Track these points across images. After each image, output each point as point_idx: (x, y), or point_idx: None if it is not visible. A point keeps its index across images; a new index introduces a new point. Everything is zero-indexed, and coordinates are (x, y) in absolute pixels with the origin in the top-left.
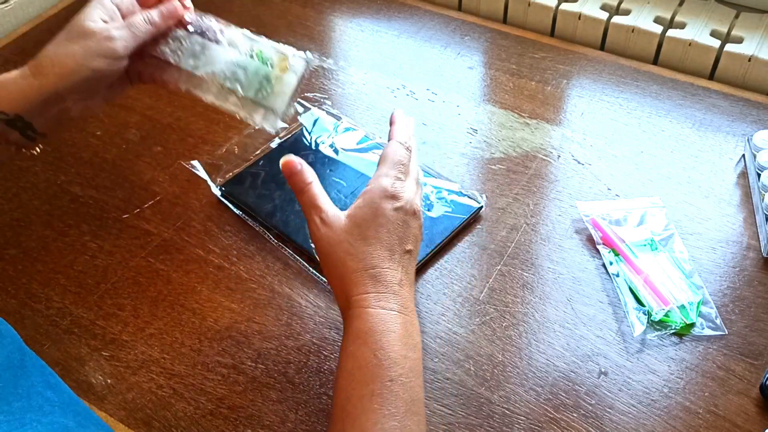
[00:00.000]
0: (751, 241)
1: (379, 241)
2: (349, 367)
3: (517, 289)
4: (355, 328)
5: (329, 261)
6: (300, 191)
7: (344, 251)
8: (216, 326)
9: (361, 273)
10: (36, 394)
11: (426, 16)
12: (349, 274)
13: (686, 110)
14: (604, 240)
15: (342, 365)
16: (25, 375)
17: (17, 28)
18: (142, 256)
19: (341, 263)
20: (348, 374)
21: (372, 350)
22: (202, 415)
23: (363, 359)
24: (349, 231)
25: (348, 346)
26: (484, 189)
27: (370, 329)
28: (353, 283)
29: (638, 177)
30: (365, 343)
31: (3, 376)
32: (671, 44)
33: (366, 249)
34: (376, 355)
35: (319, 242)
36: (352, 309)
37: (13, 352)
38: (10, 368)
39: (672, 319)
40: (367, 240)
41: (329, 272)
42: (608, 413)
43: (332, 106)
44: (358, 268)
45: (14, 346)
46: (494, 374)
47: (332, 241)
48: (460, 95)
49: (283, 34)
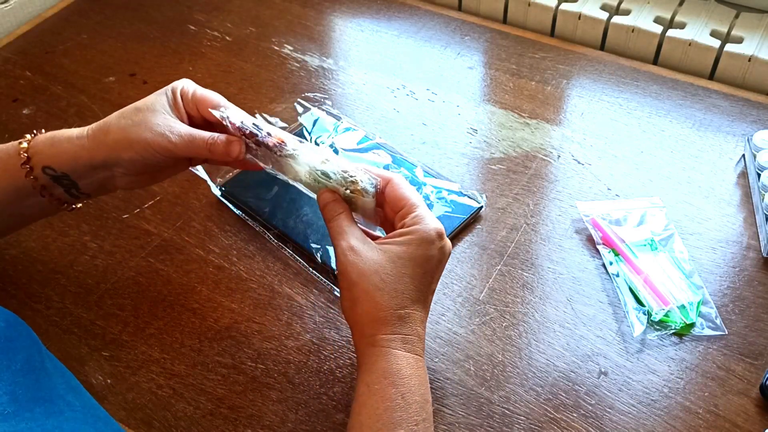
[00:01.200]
0: (751, 241)
1: (414, 282)
2: (375, 407)
3: (517, 289)
4: (381, 367)
5: (354, 291)
6: (330, 218)
7: (374, 285)
8: (216, 326)
9: (391, 312)
10: (57, 398)
11: (426, 16)
12: (377, 311)
13: (686, 110)
14: (604, 240)
15: (364, 401)
16: (47, 377)
17: (17, 28)
18: (142, 256)
19: (368, 297)
20: (373, 413)
21: (400, 393)
22: (202, 415)
23: (391, 401)
24: (382, 265)
25: (373, 383)
26: (484, 189)
27: (398, 371)
28: (381, 321)
29: (638, 177)
30: (393, 385)
31: (24, 381)
32: (671, 44)
33: (399, 288)
34: (405, 398)
35: (346, 269)
36: (377, 347)
37: (33, 354)
38: (32, 371)
39: (672, 319)
40: (402, 279)
41: (352, 303)
42: (608, 413)
43: (332, 106)
44: (389, 306)
45: (34, 348)
46: (494, 374)
47: (362, 272)
48: (460, 95)
49: (283, 34)
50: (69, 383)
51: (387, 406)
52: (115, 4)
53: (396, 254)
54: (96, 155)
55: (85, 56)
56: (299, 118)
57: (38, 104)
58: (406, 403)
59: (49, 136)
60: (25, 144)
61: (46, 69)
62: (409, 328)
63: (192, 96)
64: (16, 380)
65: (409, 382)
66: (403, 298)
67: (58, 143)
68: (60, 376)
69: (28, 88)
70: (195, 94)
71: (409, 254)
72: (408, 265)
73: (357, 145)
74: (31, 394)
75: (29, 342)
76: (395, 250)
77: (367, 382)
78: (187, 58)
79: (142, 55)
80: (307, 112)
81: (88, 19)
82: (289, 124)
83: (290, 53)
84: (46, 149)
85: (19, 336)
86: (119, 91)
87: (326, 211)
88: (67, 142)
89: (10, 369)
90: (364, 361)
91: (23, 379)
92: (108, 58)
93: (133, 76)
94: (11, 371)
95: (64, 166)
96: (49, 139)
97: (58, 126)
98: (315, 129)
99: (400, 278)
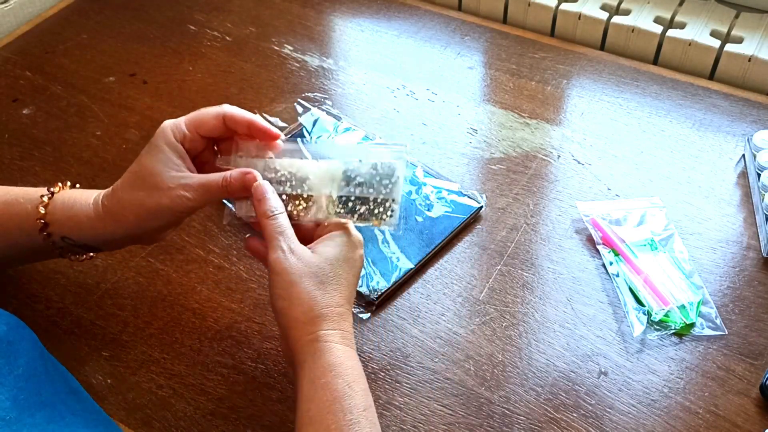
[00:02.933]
0: (751, 241)
1: (347, 281)
2: (324, 399)
3: (517, 289)
4: (325, 361)
5: (293, 291)
6: (266, 216)
7: (315, 285)
8: (216, 326)
9: (331, 309)
10: (59, 402)
11: (426, 16)
12: (319, 309)
13: (686, 110)
14: (604, 240)
15: (311, 397)
16: (48, 380)
17: (17, 28)
18: (142, 256)
19: (309, 296)
20: (323, 405)
21: (346, 382)
22: (202, 415)
23: (338, 391)
24: (319, 266)
25: (318, 378)
26: (484, 189)
27: (342, 363)
28: (322, 318)
29: (638, 177)
30: (339, 376)
31: (25, 387)
32: (671, 44)
33: (336, 286)
34: (351, 387)
35: (285, 270)
36: (319, 342)
37: (34, 358)
38: (34, 376)
39: (672, 319)
40: (338, 278)
41: (289, 303)
42: (608, 413)
43: (332, 106)
44: (329, 304)
45: (36, 351)
46: (494, 374)
47: (301, 273)
48: (460, 95)
49: (283, 34)
50: (70, 386)
51: (335, 397)
52: (115, 4)
53: (333, 255)
54: (117, 231)
55: (85, 56)
56: (299, 118)
57: (38, 104)
58: (353, 391)
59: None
60: (42, 209)
61: (46, 69)
62: (346, 324)
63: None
64: (18, 385)
65: (353, 372)
66: (340, 297)
67: (76, 216)
68: (61, 380)
69: (28, 88)
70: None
71: (343, 256)
72: (343, 266)
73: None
74: (33, 399)
75: (31, 345)
76: (332, 252)
77: (311, 378)
78: (187, 58)
79: (142, 55)
80: (307, 112)
81: (88, 19)
82: (289, 124)
83: (290, 53)
84: (65, 220)
85: (21, 339)
86: (119, 91)
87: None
88: (85, 217)
89: (12, 374)
90: (304, 358)
91: (25, 384)
92: (108, 58)
93: (133, 76)
94: (13, 376)
95: (85, 239)
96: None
97: (58, 126)
98: (315, 129)
99: (337, 278)
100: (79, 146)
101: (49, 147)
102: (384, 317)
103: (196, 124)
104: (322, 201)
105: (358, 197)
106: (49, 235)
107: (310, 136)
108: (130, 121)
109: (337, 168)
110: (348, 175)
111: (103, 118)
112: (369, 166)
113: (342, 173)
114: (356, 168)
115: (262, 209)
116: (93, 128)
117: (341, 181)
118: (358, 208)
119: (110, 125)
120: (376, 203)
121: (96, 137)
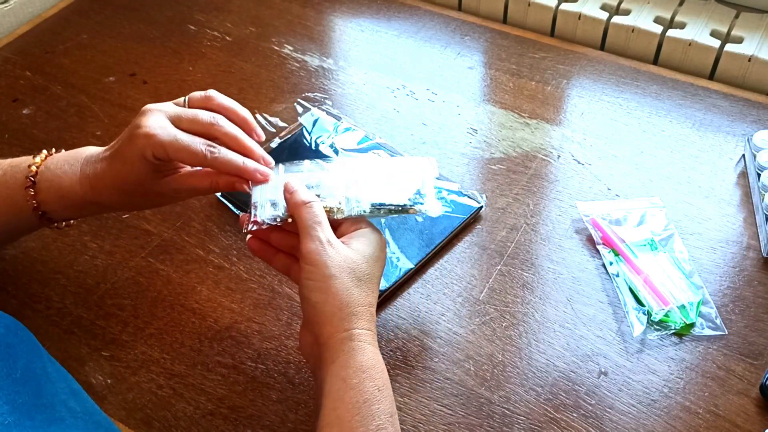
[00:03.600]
0: (751, 241)
1: (378, 282)
2: (355, 400)
3: (517, 289)
4: (358, 361)
5: (331, 284)
6: (302, 204)
7: (353, 281)
8: (216, 326)
9: (365, 308)
10: (59, 403)
11: (426, 16)
12: (355, 306)
13: (686, 110)
14: (604, 240)
15: (341, 396)
16: (48, 382)
17: (17, 28)
18: (142, 256)
19: (347, 292)
20: (353, 407)
21: (377, 386)
22: (202, 415)
23: (369, 394)
24: (357, 262)
25: (350, 378)
26: (484, 189)
27: (374, 365)
28: (357, 316)
29: (638, 177)
30: (370, 378)
31: (25, 389)
32: (671, 44)
33: (370, 285)
34: (381, 392)
35: (325, 262)
36: (354, 341)
37: (33, 360)
38: (32, 378)
39: (672, 319)
40: (372, 277)
41: (325, 296)
42: (608, 413)
43: (332, 106)
44: (364, 303)
45: (35, 353)
46: (494, 374)
47: (341, 267)
48: (460, 95)
49: (283, 34)
50: (70, 387)
51: (366, 399)
52: (115, 4)
53: (369, 253)
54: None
55: (85, 56)
56: (299, 118)
57: (38, 104)
58: (383, 396)
59: (55, 187)
60: (32, 191)
61: (46, 69)
62: (373, 325)
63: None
64: (17, 389)
65: (383, 377)
66: (373, 296)
67: (61, 193)
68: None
69: (28, 88)
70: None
71: (376, 255)
72: (375, 264)
73: (357, 145)
74: (32, 402)
75: (30, 347)
76: (367, 250)
77: (343, 376)
78: (187, 58)
79: (142, 55)
80: (307, 112)
81: (88, 19)
82: (289, 124)
83: (290, 53)
84: (54, 201)
85: (20, 342)
86: (119, 91)
87: (295, 199)
88: (70, 192)
89: (10, 377)
90: (336, 355)
91: (23, 387)
92: (108, 58)
93: (133, 76)
94: (11, 380)
95: (71, 215)
96: (55, 191)
97: (58, 126)
98: (315, 129)
99: (371, 276)
100: (79, 146)
101: (49, 147)
102: (384, 317)
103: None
104: (351, 203)
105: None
106: (44, 213)
107: (310, 136)
108: (130, 121)
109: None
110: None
111: (103, 118)
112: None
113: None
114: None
115: (295, 200)
116: (93, 128)
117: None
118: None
119: (110, 125)
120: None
121: (96, 137)
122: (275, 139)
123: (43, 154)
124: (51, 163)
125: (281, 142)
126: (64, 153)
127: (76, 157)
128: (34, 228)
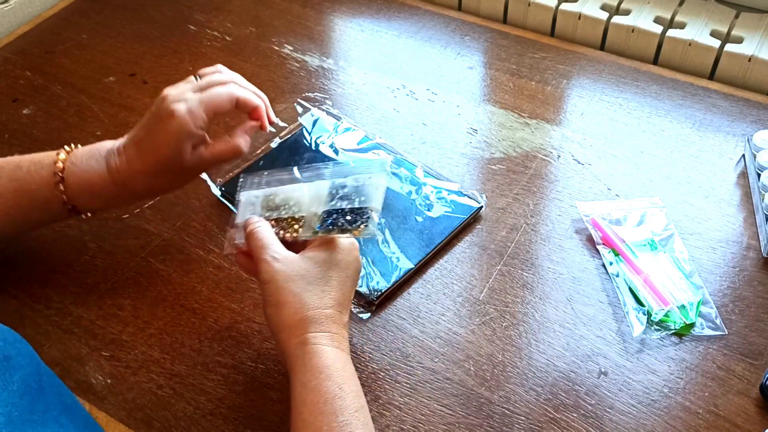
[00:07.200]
0: (751, 241)
1: (338, 284)
2: (315, 401)
3: (517, 289)
4: (315, 364)
5: (281, 295)
6: (249, 234)
7: (302, 287)
8: (216, 326)
9: (319, 311)
10: (50, 420)
11: (426, 16)
12: (306, 311)
13: (686, 110)
14: (604, 240)
15: (303, 400)
16: (42, 397)
17: (17, 28)
18: (142, 256)
19: (296, 298)
20: (314, 408)
21: (337, 384)
22: (202, 415)
23: (329, 393)
24: (307, 269)
25: (309, 381)
26: (484, 189)
27: (332, 365)
28: (310, 320)
29: (638, 177)
30: (329, 378)
31: (19, 403)
32: (671, 44)
33: (326, 288)
34: (342, 389)
35: (274, 277)
36: (308, 345)
37: (30, 374)
38: (27, 394)
39: (672, 319)
40: (329, 280)
41: (278, 307)
42: (608, 413)
43: (332, 106)
44: (318, 306)
45: (32, 367)
46: (494, 374)
47: (289, 276)
48: (460, 95)
49: (283, 34)
50: (64, 402)
51: (326, 399)
52: (115, 4)
53: (322, 258)
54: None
55: (85, 56)
56: (299, 118)
57: (38, 104)
58: (344, 392)
59: (85, 183)
60: (62, 186)
61: (46, 69)
62: (335, 327)
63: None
64: (13, 401)
65: (344, 374)
66: (329, 299)
67: (91, 186)
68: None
69: (28, 88)
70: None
71: (335, 258)
72: (334, 268)
73: (357, 145)
74: (26, 417)
75: (27, 360)
76: (321, 255)
77: (303, 381)
78: (187, 58)
79: (142, 55)
80: (307, 112)
81: (88, 19)
82: (289, 124)
83: (290, 53)
84: (83, 195)
85: (18, 354)
86: (119, 91)
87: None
88: (101, 186)
89: (7, 390)
90: (295, 362)
91: (20, 400)
92: (108, 58)
93: (133, 76)
94: (8, 392)
95: (97, 207)
96: (86, 186)
97: (58, 126)
98: (315, 129)
99: (327, 280)
100: None
101: (49, 147)
102: (384, 317)
103: (212, 109)
104: (310, 219)
105: (341, 210)
106: (74, 207)
107: (310, 136)
108: (130, 121)
109: (324, 186)
110: (332, 192)
111: (103, 118)
112: (352, 178)
113: (327, 191)
114: (340, 183)
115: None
116: (93, 128)
117: (327, 197)
118: (340, 221)
119: (110, 125)
120: (354, 213)
121: (96, 137)
122: (275, 139)
123: (64, 151)
124: (75, 158)
125: (281, 142)
126: (83, 149)
127: (97, 151)
128: (62, 219)
